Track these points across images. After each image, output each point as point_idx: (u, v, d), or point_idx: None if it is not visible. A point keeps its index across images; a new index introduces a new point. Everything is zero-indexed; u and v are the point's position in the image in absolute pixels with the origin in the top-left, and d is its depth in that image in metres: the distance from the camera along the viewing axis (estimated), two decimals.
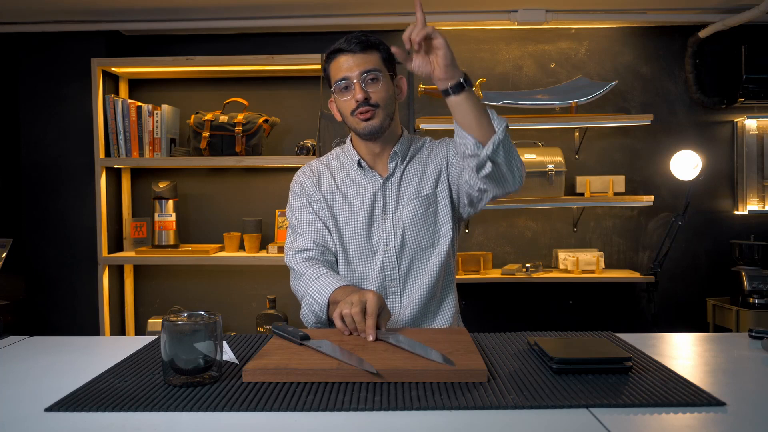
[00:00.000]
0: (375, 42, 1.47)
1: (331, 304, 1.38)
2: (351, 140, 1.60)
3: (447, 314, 1.55)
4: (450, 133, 3.15)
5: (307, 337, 1.13)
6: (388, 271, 1.51)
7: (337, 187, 1.56)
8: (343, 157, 1.60)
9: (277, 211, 3.01)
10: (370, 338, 1.16)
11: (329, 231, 1.54)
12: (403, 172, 1.55)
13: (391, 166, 1.54)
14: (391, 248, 1.51)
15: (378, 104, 1.45)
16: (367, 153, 1.56)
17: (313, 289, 1.42)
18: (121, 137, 2.89)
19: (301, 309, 1.48)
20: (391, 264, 1.51)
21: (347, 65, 1.44)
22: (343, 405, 0.87)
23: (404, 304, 1.51)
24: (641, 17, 2.97)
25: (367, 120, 1.46)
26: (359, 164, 1.55)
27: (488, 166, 1.32)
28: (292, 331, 1.16)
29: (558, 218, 3.11)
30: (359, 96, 1.43)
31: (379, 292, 1.50)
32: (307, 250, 1.51)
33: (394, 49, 1.32)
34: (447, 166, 1.56)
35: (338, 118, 1.55)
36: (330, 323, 1.39)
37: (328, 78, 1.51)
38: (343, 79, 1.44)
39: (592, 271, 2.90)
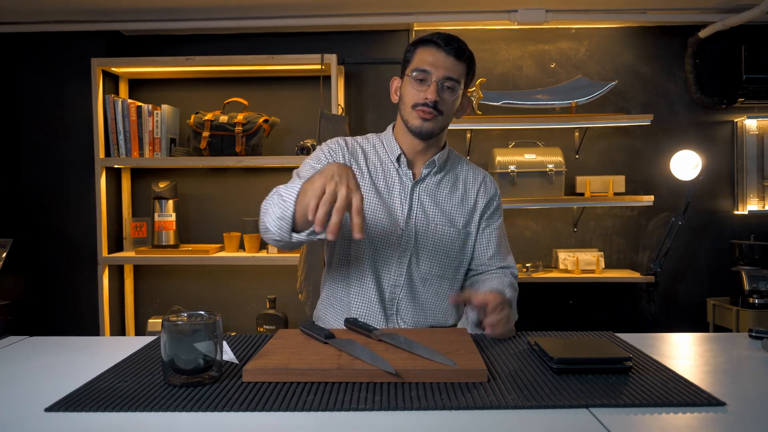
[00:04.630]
0: (468, 54, 1.45)
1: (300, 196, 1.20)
2: (393, 130, 1.55)
3: None
4: (450, 133, 3.15)
5: (332, 336, 1.14)
6: (395, 276, 1.47)
7: (369, 172, 1.51)
8: (379, 145, 1.55)
9: None
10: (358, 236, 1.06)
11: None
12: (438, 183, 1.53)
13: (425, 171, 1.51)
14: (406, 257, 1.47)
15: (443, 112, 1.44)
16: (408, 148, 1.51)
17: (283, 188, 1.24)
18: (121, 137, 2.89)
19: (261, 219, 1.31)
20: (399, 271, 1.47)
21: (435, 60, 1.41)
22: (343, 405, 0.87)
23: (401, 316, 1.48)
24: (641, 17, 2.97)
25: (425, 120, 1.43)
26: (398, 159, 1.51)
27: None
28: (318, 329, 1.17)
29: (558, 218, 3.11)
30: (432, 97, 1.40)
31: (384, 294, 1.47)
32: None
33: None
34: (484, 210, 1.56)
35: (394, 99, 1.52)
36: (293, 230, 1.23)
37: (407, 61, 1.47)
38: (424, 70, 1.41)
39: (592, 271, 2.90)
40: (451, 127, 2.92)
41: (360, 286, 1.48)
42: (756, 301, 2.75)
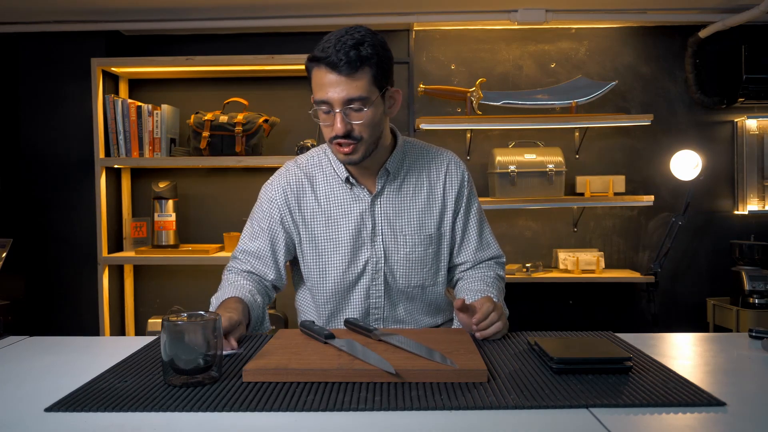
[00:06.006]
0: (366, 57, 1.25)
1: None
2: None
3: None
4: (449, 133, 3.14)
5: (332, 336, 1.13)
6: (374, 298, 1.44)
7: (319, 204, 1.42)
8: (326, 164, 1.45)
9: None
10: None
11: (285, 258, 1.45)
12: (399, 190, 1.43)
13: (380, 183, 1.41)
14: (380, 276, 1.42)
15: (360, 137, 1.29)
16: (353, 167, 1.41)
17: (215, 296, 1.38)
18: (121, 137, 2.89)
19: None
20: (377, 291, 1.43)
21: (330, 88, 1.26)
22: (343, 405, 0.87)
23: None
24: (641, 17, 2.97)
25: (347, 154, 1.31)
26: (347, 180, 1.41)
27: None
28: (318, 329, 1.16)
29: (558, 218, 3.11)
30: (340, 129, 1.27)
31: (363, 318, 1.44)
32: (243, 271, 1.45)
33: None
34: (456, 204, 1.46)
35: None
36: None
37: (310, 79, 1.33)
38: (323, 101, 1.28)
39: (592, 271, 2.90)
40: (450, 126, 2.95)
41: (340, 315, 1.46)
42: (756, 301, 2.75)
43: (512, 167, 2.86)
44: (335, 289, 1.44)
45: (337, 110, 1.27)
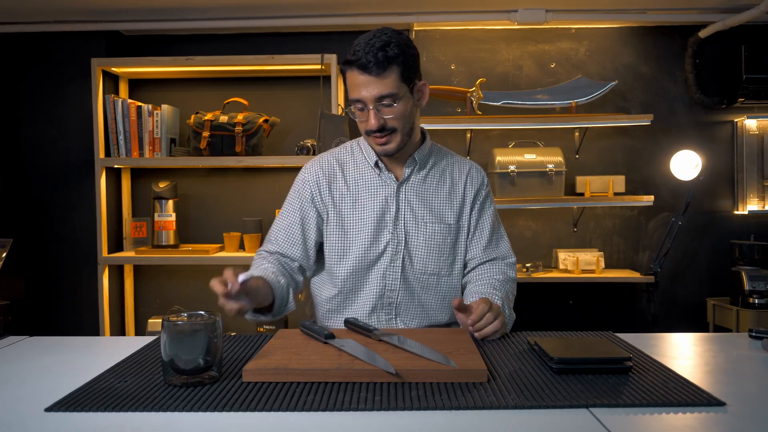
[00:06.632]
0: (393, 56, 1.36)
1: None
2: None
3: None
4: (450, 133, 3.13)
5: (332, 336, 1.13)
6: (390, 279, 1.48)
7: (348, 188, 1.51)
8: (357, 152, 1.55)
9: (277, 210, 3.01)
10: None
11: (315, 238, 1.51)
12: (424, 180, 1.52)
13: (407, 171, 1.51)
14: (398, 259, 1.48)
15: (394, 128, 1.41)
16: (385, 157, 1.52)
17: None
18: (121, 137, 2.89)
19: None
20: (394, 273, 1.48)
21: (362, 87, 1.37)
22: (343, 405, 0.87)
23: (401, 318, 1.49)
24: (641, 17, 2.97)
25: (382, 144, 1.43)
26: (377, 164, 1.50)
27: None
28: (318, 329, 1.16)
29: (558, 218, 3.11)
30: (374, 123, 1.39)
31: (378, 299, 1.48)
32: (270, 253, 1.52)
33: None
34: (473, 201, 1.54)
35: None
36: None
37: (345, 81, 1.45)
38: (358, 100, 1.40)
39: (592, 271, 2.90)
40: (450, 126, 2.95)
41: (355, 295, 1.50)
42: (756, 301, 2.75)
43: (512, 167, 2.86)
44: (355, 267, 1.49)
45: (370, 107, 1.39)
